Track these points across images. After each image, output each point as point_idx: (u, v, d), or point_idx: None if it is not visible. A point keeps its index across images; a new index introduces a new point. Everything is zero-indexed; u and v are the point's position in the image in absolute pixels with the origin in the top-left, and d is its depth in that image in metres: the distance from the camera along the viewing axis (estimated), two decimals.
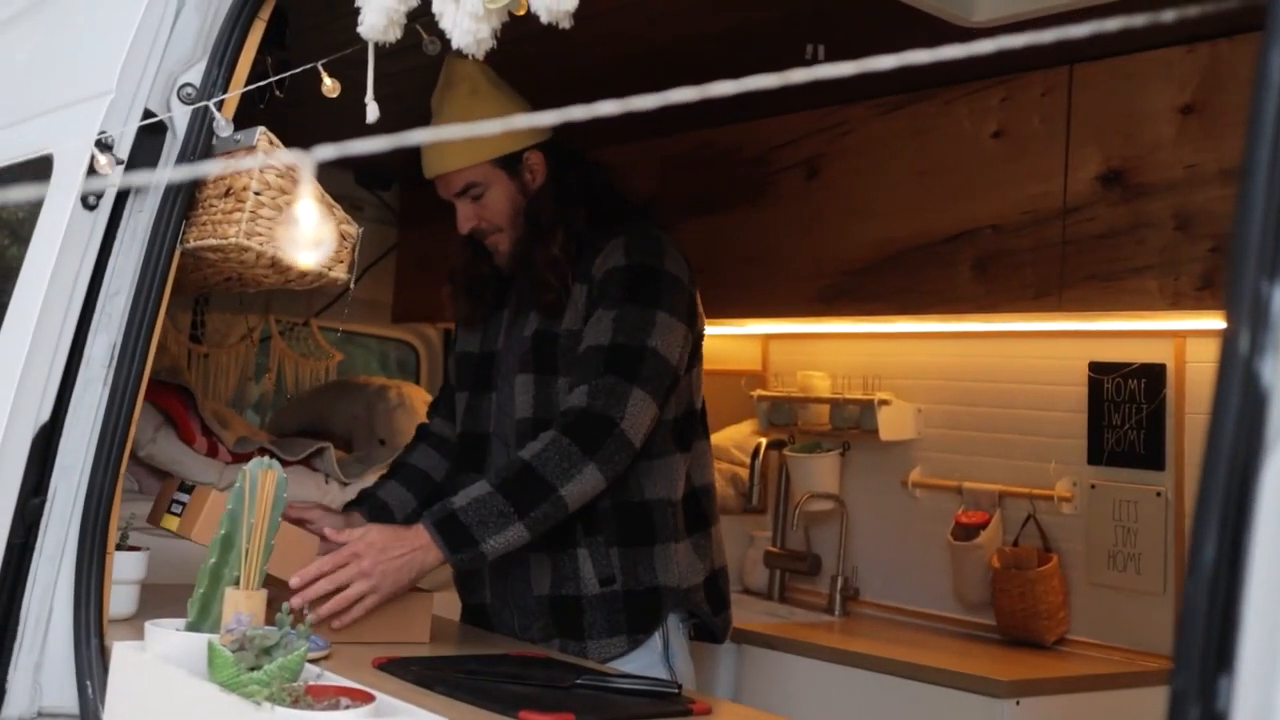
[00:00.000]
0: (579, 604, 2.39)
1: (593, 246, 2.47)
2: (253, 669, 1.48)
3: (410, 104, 3.27)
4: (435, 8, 1.66)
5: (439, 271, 4.61)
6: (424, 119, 2.53)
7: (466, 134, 2.34)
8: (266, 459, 1.77)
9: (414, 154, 2.52)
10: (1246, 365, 0.74)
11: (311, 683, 1.52)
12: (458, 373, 2.68)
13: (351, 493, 3.58)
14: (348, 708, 1.46)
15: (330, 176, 4.34)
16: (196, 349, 4.38)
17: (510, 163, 2.50)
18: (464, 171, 2.48)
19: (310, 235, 0.65)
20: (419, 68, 2.42)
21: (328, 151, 1.07)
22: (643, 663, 2.39)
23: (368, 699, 1.49)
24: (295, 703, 1.44)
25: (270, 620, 1.62)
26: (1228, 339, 0.75)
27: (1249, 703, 0.68)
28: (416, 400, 4.22)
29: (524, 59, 2.47)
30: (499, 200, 2.50)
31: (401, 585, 2.15)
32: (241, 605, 1.64)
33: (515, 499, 2.19)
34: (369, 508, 2.58)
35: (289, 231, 0.67)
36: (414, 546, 2.15)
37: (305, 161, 0.62)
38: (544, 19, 1.58)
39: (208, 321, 4.43)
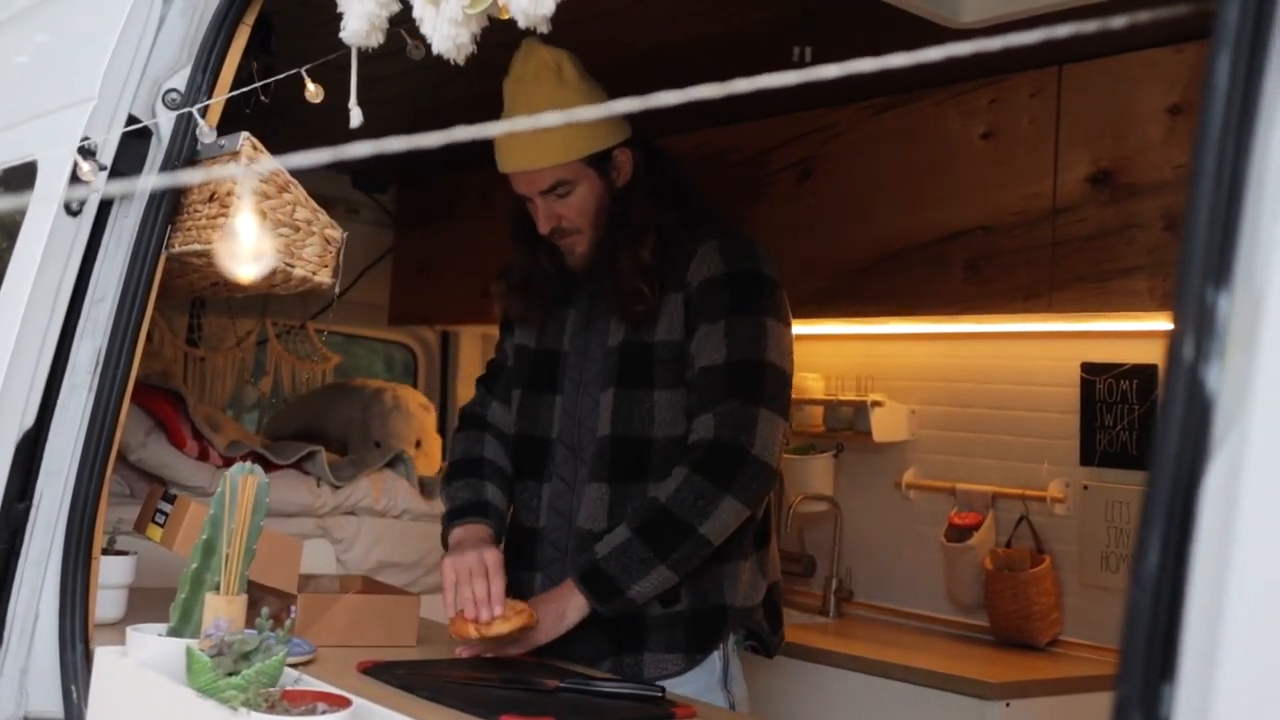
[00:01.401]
0: (641, 624, 2.28)
1: (682, 251, 2.32)
2: (231, 674, 1.49)
3: (401, 106, 3.29)
4: (415, 13, 1.65)
5: (436, 274, 4.64)
6: (415, 121, 2.53)
7: (452, 140, 2.34)
8: (248, 464, 1.77)
9: (409, 156, 2.49)
10: (1191, 371, 0.74)
11: (290, 687, 1.52)
12: (516, 366, 2.52)
13: (344, 496, 3.59)
14: (324, 713, 1.47)
15: (327, 179, 4.35)
16: (193, 352, 4.39)
17: (600, 160, 2.34)
18: (556, 169, 2.31)
19: (253, 245, 0.65)
20: (407, 70, 2.42)
21: (307, 159, 1.07)
22: (700, 685, 2.27)
23: (345, 704, 1.49)
24: (271, 708, 1.44)
25: (252, 625, 1.62)
26: (1173, 345, 0.75)
27: (1189, 709, 0.68)
28: (411, 403, 4.22)
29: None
30: (586, 199, 2.34)
31: (552, 633, 2.21)
32: (221, 610, 1.65)
33: (655, 544, 2.18)
34: (493, 518, 2.42)
35: (232, 240, 0.67)
36: (560, 598, 2.22)
37: (246, 174, 0.62)
38: (521, 24, 1.57)
39: (204, 325, 4.44)
